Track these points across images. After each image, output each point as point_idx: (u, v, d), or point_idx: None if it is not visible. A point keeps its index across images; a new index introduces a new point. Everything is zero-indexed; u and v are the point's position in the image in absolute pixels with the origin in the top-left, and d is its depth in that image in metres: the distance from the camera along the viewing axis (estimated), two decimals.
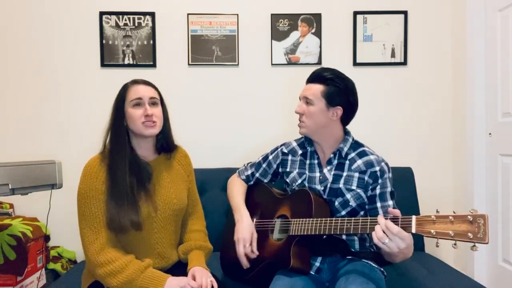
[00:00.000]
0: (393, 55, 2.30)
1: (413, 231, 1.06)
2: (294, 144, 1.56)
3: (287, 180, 1.51)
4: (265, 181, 1.62)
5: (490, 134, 2.09)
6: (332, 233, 1.24)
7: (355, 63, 2.29)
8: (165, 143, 1.39)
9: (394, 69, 2.31)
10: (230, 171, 1.76)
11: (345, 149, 1.42)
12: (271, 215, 1.47)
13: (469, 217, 0.98)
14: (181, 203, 1.37)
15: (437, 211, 1.06)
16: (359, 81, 1.47)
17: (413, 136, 2.33)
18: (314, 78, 1.40)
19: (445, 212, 1.04)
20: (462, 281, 1.55)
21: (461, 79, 2.22)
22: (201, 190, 2.05)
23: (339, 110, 1.38)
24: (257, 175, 1.62)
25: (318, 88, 1.37)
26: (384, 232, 1.09)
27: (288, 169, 1.52)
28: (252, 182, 1.64)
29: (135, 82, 1.32)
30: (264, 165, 1.60)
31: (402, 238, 1.07)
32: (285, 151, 1.55)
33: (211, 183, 2.06)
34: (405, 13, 2.29)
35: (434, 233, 1.02)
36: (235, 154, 2.27)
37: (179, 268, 1.35)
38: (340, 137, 1.44)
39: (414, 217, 1.08)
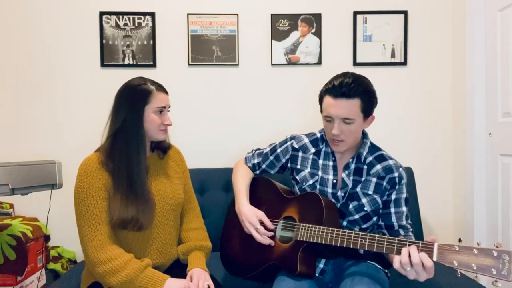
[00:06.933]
0: (393, 55, 2.30)
1: (434, 259, 1.03)
2: (306, 140, 1.49)
3: (297, 177, 1.47)
4: (272, 172, 1.58)
5: (490, 134, 2.09)
6: (344, 245, 1.20)
7: (355, 63, 2.29)
8: (162, 143, 1.41)
9: (394, 69, 2.31)
10: (230, 171, 1.75)
11: (364, 153, 1.39)
12: (277, 216, 1.43)
13: (494, 252, 0.96)
14: (177, 198, 1.39)
15: (459, 240, 1.03)
16: None
17: (413, 136, 2.33)
18: (345, 93, 1.26)
19: (469, 244, 1.01)
20: (463, 282, 1.55)
21: (461, 79, 2.22)
22: (201, 190, 2.05)
23: (371, 118, 1.35)
24: (263, 166, 1.57)
25: (355, 104, 1.27)
26: (411, 261, 1.04)
27: (298, 167, 1.47)
28: (258, 172, 1.60)
29: (160, 88, 1.33)
30: (271, 158, 1.55)
31: (429, 273, 1.05)
32: (296, 146, 1.49)
33: (211, 183, 2.06)
34: (405, 13, 2.29)
35: (457, 264, 0.99)
36: (235, 154, 2.26)
37: (178, 269, 1.35)
38: (359, 139, 1.40)
39: (436, 245, 1.04)
